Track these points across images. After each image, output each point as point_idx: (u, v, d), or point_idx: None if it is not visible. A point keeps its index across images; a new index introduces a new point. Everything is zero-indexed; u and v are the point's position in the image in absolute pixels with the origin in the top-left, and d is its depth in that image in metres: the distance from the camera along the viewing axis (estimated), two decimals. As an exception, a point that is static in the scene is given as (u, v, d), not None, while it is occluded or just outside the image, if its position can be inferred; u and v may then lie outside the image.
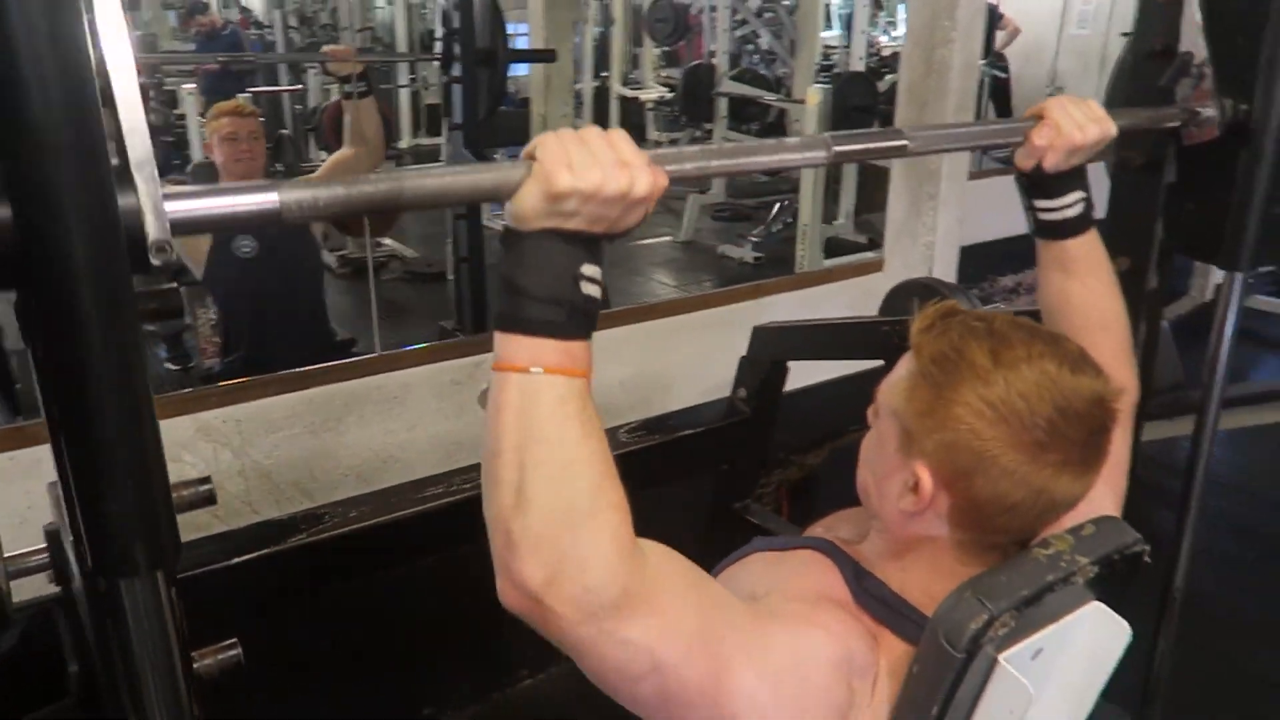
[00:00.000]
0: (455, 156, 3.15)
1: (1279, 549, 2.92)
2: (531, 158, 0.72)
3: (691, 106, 6.12)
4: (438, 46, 3.29)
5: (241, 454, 1.91)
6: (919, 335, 0.91)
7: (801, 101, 4.73)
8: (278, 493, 1.98)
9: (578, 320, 0.74)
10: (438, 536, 1.85)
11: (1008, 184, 1.11)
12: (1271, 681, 2.35)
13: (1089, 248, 1.12)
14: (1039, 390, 0.83)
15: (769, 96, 6.05)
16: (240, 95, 4.21)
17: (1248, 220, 1.27)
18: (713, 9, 7.02)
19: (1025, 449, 0.83)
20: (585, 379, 0.75)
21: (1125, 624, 0.89)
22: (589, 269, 0.74)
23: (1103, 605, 0.89)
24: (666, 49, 8.27)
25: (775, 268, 5.26)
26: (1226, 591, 2.53)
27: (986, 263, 4.22)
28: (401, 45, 7.11)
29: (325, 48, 2.77)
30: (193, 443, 1.84)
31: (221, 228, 0.67)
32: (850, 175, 5.22)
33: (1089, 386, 0.85)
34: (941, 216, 2.81)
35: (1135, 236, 1.37)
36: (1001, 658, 0.81)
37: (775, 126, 6.18)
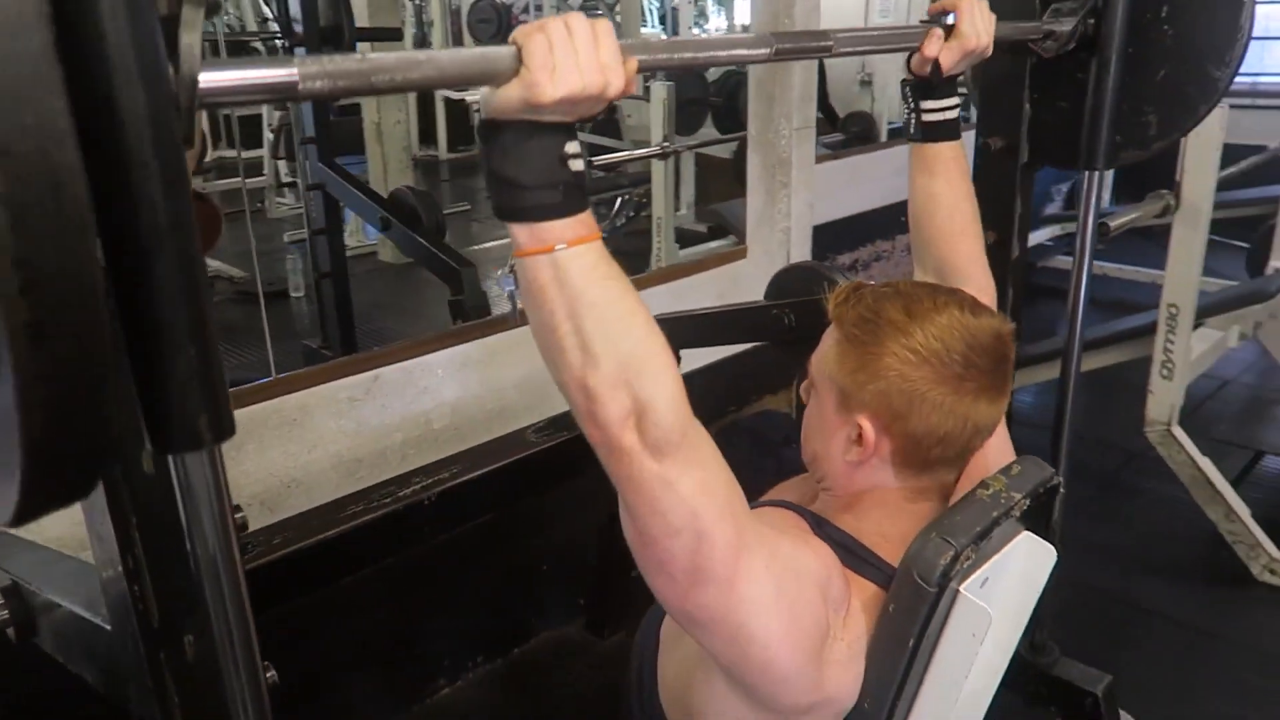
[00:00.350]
0: (314, 173, 3.07)
1: (1110, 483, 3.27)
2: (516, 45, 0.76)
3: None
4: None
5: (139, 493, 1.84)
6: (838, 308, 1.03)
7: (642, 98, 4.84)
8: (180, 529, 1.92)
9: (575, 195, 0.79)
10: (361, 555, 1.85)
11: (840, 169, 1.22)
12: (1118, 598, 2.65)
13: (957, 154, 1.28)
14: (950, 332, 0.97)
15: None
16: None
17: (1101, 123, 1.46)
18: (538, 8, 7.07)
19: (947, 383, 0.96)
20: (600, 240, 0.81)
21: (1052, 548, 1.03)
22: (571, 147, 0.79)
23: (1032, 534, 1.02)
24: (489, 50, 8.23)
25: (624, 260, 5.33)
26: (1073, 522, 2.81)
27: (823, 242, 4.48)
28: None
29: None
30: (87, 486, 1.76)
31: (244, 99, 0.66)
32: (689, 167, 5.39)
33: (989, 324, 0.99)
34: (795, 202, 2.98)
35: (998, 212, 1.54)
36: (962, 589, 0.92)
37: (609, 124, 6.29)
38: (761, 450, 2.78)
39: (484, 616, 2.24)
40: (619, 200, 6.05)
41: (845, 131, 5.86)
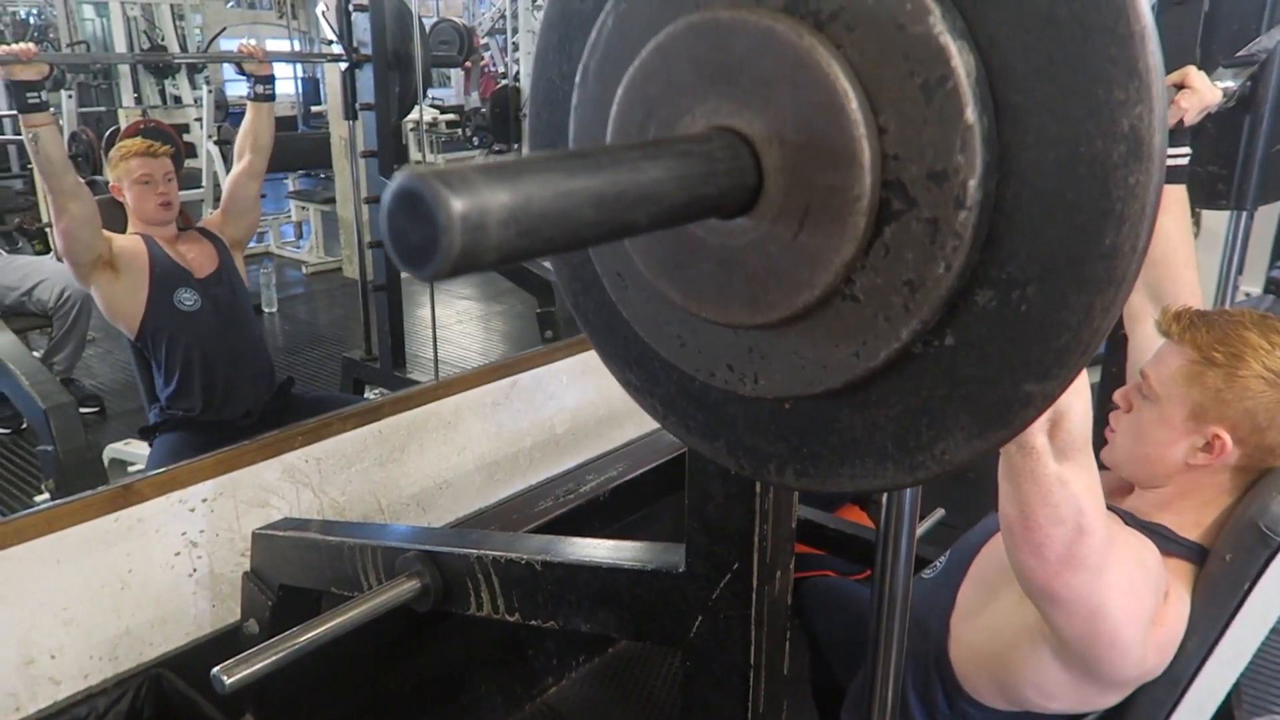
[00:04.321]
0: (374, 186, 3.10)
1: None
2: None
3: (500, 127, 6.25)
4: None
5: (320, 492, 1.88)
6: (1186, 331, 1.16)
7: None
8: (351, 528, 1.97)
9: None
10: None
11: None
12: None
13: (1181, 195, 1.44)
14: None
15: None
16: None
17: (1252, 170, 1.69)
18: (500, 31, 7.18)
19: None
20: None
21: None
22: None
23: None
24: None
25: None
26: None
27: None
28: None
29: (242, 45, 2.59)
30: (279, 486, 1.80)
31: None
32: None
33: None
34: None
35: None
36: (1284, 539, 1.10)
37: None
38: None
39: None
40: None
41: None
